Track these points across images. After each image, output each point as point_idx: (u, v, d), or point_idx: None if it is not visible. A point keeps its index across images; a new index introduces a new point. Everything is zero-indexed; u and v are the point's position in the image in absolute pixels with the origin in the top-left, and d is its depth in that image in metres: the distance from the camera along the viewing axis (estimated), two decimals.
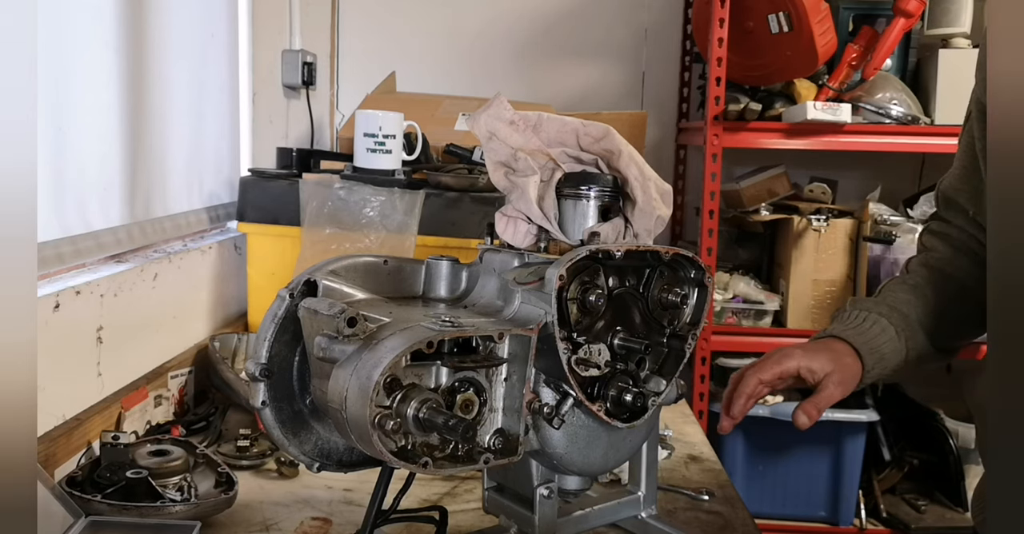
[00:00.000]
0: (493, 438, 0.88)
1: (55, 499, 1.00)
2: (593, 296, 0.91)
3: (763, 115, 2.53)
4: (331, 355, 0.85)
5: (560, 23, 3.04)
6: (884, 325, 1.16)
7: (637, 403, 0.94)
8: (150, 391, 1.43)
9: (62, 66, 1.32)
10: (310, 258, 1.65)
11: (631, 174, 0.98)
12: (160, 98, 1.65)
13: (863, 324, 1.16)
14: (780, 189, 2.67)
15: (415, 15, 3.02)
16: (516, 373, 0.89)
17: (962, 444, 2.62)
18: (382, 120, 1.75)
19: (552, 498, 0.98)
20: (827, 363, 1.12)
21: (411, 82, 2.79)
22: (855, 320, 1.17)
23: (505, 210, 0.99)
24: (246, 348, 1.70)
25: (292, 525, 1.13)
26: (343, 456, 0.99)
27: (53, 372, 1.19)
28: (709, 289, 0.99)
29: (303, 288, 0.94)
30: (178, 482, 1.14)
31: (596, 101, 3.02)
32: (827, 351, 1.14)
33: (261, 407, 0.94)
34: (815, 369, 1.11)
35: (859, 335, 1.15)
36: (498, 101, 0.99)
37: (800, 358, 1.12)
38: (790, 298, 2.61)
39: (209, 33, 1.92)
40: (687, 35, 3.03)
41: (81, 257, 1.38)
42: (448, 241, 1.72)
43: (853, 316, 1.18)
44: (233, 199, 1.98)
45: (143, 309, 1.48)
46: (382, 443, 0.81)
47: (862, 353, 1.14)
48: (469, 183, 1.75)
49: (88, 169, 1.41)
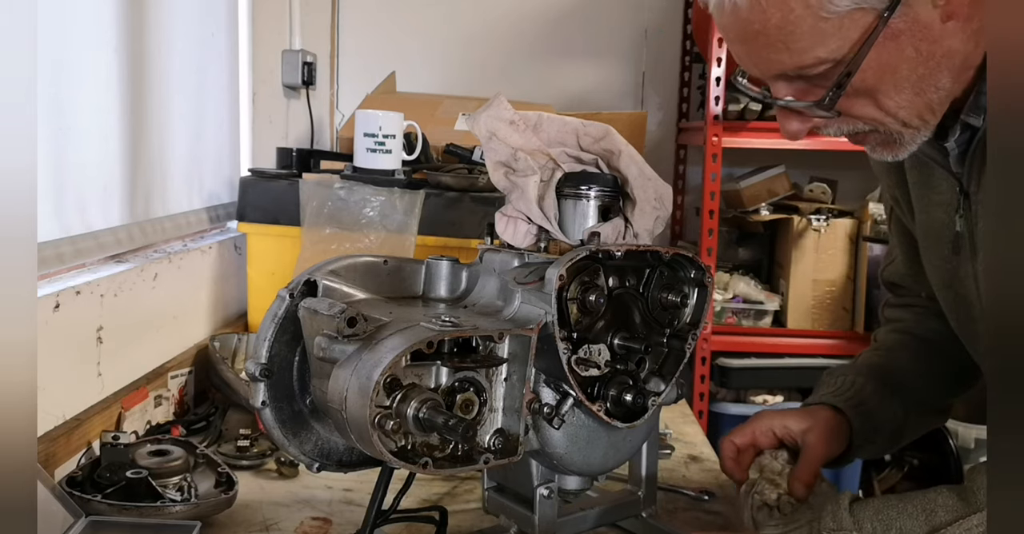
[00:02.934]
0: (493, 438, 0.88)
1: (55, 499, 1.00)
2: (593, 296, 0.91)
3: (763, 115, 2.53)
4: (331, 355, 0.85)
5: (560, 23, 3.04)
6: (861, 383, 1.13)
7: (637, 403, 0.94)
8: (150, 391, 1.43)
9: (62, 66, 1.32)
10: (310, 258, 1.65)
11: (631, 174, 0.98)
12: (160, 98, 1.65)
13: (840, 387, 1.13)
14: (780, 189, 2.67)
15: (415, 15, 3.02)
16: (516, 373, 0.89)
17: (962, 444, 2.62)
18: (382, 120, 1.75)
19: (552, 498, 0.98)
20: (802, 420, 1.09)
21: (411, 82, 2.79)
22: (831, 386, 1.14)
23: (505, 210, 0.99)
24: (246, 348, 1.70)
25: (292, 525, 1.13)
26: (343, 456, 0.99)
27: (53, 372, 1.19)
28: (709, 289, 0.99)
29: (303, 288, 0.94)
30: (178, 482, 1.14)
31: (596, 101, 3.02)
32: (804, 411, 1.11)
33: (261, 407, 0.94)
34: (790, 425, 1.08)
35: (837, 396, 1.12)
36: (498, 101, 0.99)
37: (773, 417, 1.10)
38: (790, 298, 2.61)
39: (209, 33, 1.92)
40: (687, 35, 3.03)
41: (81, 257, 1.38)
42: (448, 241, 1.72)
43: (829, 383, 1.15)
44: (233, 199, 1.98)
45: (143, 309, 1.48)
46: (382, 443, 0.81)
47: (844, 410, 1.10)
48: (469, 183, 1.75)
49: (88, 169, 1.41)
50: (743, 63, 0.89)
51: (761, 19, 0.81)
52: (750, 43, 0.84)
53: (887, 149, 0.91)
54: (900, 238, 1.19)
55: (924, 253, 1.07)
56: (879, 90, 0.84)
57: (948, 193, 0.98)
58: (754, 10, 0.81)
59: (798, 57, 0.83)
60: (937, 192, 1.00)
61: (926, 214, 1.03)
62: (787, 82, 0.87)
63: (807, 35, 0.81)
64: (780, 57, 0.83)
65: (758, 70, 0.88)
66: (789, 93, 0.87)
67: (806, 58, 0.82)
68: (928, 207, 1.03)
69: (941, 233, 1.01)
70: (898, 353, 1.18)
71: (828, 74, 0.83)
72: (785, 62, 0.84)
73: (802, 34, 0.81)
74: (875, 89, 0.84)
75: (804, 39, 0.81)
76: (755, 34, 0.83)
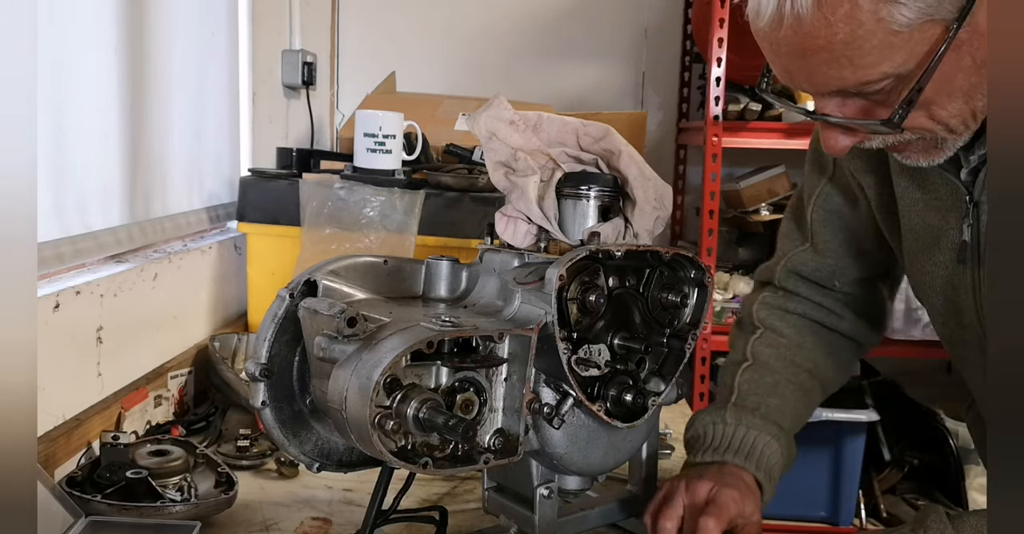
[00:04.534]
0: (493, 438, 0.88)
1: (55, 499, 1.00)
2: (593, 296, 0.91)
3: (763, 115, 2.53)
4: (331, 355, 0.85)
5: (560, 23, 3.04)
6: (773, 445, 1.09)
7: (637, 403, 0.94)
8: (150, 391, 1.43)
9: (62, 66, 1.32)
10: (310, 258, 1.65)
11: (631, 174, 0.98)
12: (160, 98, 1.65)
13: (754, 448, 1.08)
14: (780, 189, 2.67)
15: (415, 15, 3.02)
16: (516, 373, 0.89)
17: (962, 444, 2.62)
18: (382, 120, 1.75)
19: (552, 498, 0.98)
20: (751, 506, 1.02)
21: (411, 82, 2.80)
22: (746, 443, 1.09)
23: (505, 210, 0.99)
24: (246, 348, 1.70)
25: (292, 525, 1.13)
26: (343, 456, 0.99)
27: (53, 372, 1.19)
28: (709, 289, 0.99)
29: (303, 288, 0.94)
30: (178, 482, 1.14)
31: (596, 101, 3.02)
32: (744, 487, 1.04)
33: (261, 407, 0.94)
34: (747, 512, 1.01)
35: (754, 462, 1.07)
36: (498, 101, 0.99)
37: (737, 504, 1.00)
38: None
39: (209, 33, 1.92)
40: (687, 35, 3.03)
41: (81, 257, 1.38)
42: (448, 241, 1.72)
43: (739, 436, 1.09)
44: (233, 199, 1.98)
45: (143, 309, 1.48)
46: (382, 443, 0.81)
47: (760, 480, 1.07)
48: (469, 183, 1.75)
49: (88, 169, 1.41)
50: (792, 78, 0.84)
51: (826, 34, 0.77)
52: (809, 58, 0.80)
53: (926, 155, 0.88)
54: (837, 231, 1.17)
55: (910, 255, 1.05)
56: (935, 101, 0.81)
57: (949, 199, 0.97)
58: (818, 24, 0.77)
59: (863, 73, 0.79)
60: (935, 196, 0.99)
61: (919, 217, 1.01)
62: (842, 98, 0.83)
63: (875, 50, 0.77)
64: (843, 73, 0.79)
65: (811, 86, 0.83)
66: (843, 109, 0.84)
67: (872, 74, 0.79)
68: (922, 210, 1.01)
69: (937, 238, 1.00)
70: (784, 390, 1.14)
71: (889, 89, 0.80)
72: (847, 78, 0.80)
73: (870, 49, 0.77)
74: (932, 101, 0.81)
75: (872, 54, 0.77)
76: (816, 49, 0.78)
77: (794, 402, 1.15)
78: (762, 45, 0.84)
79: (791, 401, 1.15)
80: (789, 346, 1.19)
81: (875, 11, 0.75)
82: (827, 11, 0.76)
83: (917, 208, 1.02)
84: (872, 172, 1.08)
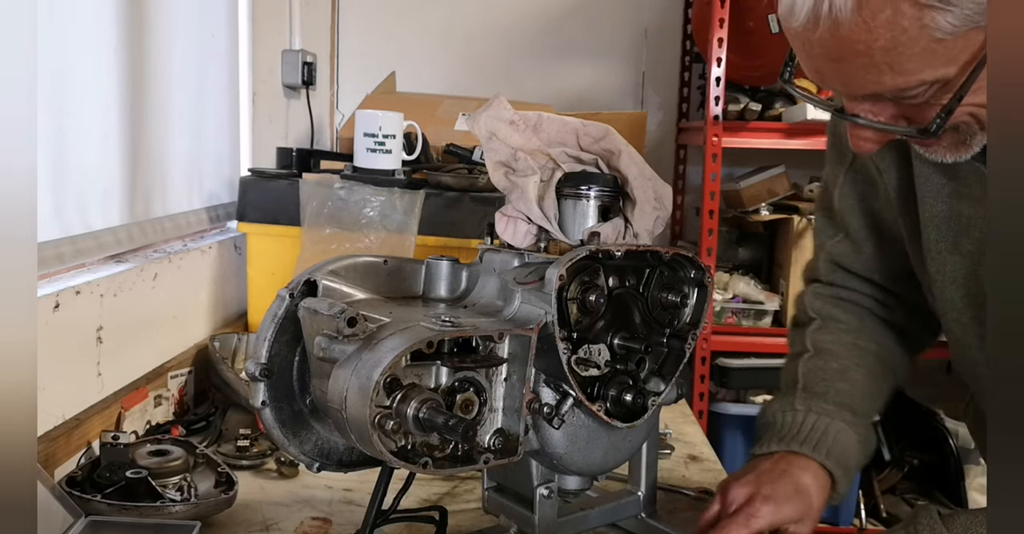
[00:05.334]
0: (493, 438, 0.88)
1: (55, 499, 1.00)
2: (593, 296, 0.91)
3: (763, 115, 2.53)
4: (331, 355, 0.85)
5: (560, 23, 3.04)
6: (847, 432, 1.06)
7: (637, 403, 0.94)
8: (150, 391, 1.43)
9: (62, 66, 1.32)
10: (310, 258, 1.65)
11: (631, 174, 0.98)
12: (160, 98, 1.65)
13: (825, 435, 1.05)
14: (780, 189, 2.67)
15: (415, 15, 3.03)
16: (516, 373, 0.89)
17: (962, 444, 2.62)
18: (382, 120, 1.75)
19: (552, 498, 0.98)
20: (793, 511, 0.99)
21: (411, 82, 2.80)
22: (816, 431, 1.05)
23: (505, 210, 0.99)
24: (246, 348, 1.70)
25: (292, 525, 1.13)
26: (343, 456, 0.99)
27: (53, 372, 1.19)
28: (709, 289, 0.99)
29: (303, 288, 0.94)
30: (178, 482, 1.14)
31: (596, 101, 3.02)
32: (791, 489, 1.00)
33: (261, 407, 0.94)
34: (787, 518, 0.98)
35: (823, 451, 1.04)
36: (498, 101, 0.99)
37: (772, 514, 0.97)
38: (790, 298, 2.60)
39: (209, 33, 1.92)
40: (687, 35, 3.03)
41: (81, 257, 1.38)
42: (448, 241, 1.72)
43: (810, 423, 1.06)
44: (233, 199, 1.98)
45: (143, 309, 1.48)
46: (382, 443, 0.81)
47: (831, 469, 1.03)
48: (469, 183, 1.75)
49: (88, 169, 1.41)
50: (823, 79, 0.82)
51: (866, 39, 0.75)
52: (846, 62, 0.78)
53: (952, 152, 0.86)
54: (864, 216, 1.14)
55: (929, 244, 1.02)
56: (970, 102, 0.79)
57: (978, 188, 0.95)
58: (858, 29, 0.74)
59: (902, 79, 0.77)
60: (963, 185, 0.96)
61: (945, 204, 0.99)
62: (874, 102, 0.82)
63: (917, 57, 0.75)
64: (881, 78, 0.77)
65: (844, 88, 0.82)
66: (875, 112, 0.82)
67: (911, 81, 0.77)
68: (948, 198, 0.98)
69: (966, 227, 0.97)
70: (854, 375, 1.11)
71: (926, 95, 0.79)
72: (885, 83, 0.78)
73: (912, 56, 0.75)
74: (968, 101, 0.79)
75: (913, 61, 0.75)
76: (855, 54, 0.76)
77: (864, 386, 1.11)
78: (793, 44, 0.82)
79: (861, 385, 1.11)
80: (849, 330, 1.16)
81: (919, 18, 0.73)
82: (867, 16, 0.74)
83: (942, 195, 0.99)
84: (891, 155, 1.06)
